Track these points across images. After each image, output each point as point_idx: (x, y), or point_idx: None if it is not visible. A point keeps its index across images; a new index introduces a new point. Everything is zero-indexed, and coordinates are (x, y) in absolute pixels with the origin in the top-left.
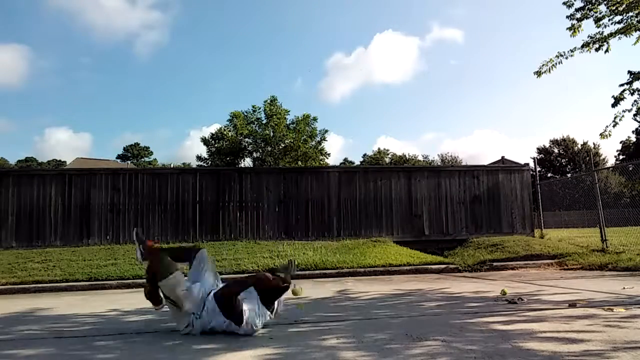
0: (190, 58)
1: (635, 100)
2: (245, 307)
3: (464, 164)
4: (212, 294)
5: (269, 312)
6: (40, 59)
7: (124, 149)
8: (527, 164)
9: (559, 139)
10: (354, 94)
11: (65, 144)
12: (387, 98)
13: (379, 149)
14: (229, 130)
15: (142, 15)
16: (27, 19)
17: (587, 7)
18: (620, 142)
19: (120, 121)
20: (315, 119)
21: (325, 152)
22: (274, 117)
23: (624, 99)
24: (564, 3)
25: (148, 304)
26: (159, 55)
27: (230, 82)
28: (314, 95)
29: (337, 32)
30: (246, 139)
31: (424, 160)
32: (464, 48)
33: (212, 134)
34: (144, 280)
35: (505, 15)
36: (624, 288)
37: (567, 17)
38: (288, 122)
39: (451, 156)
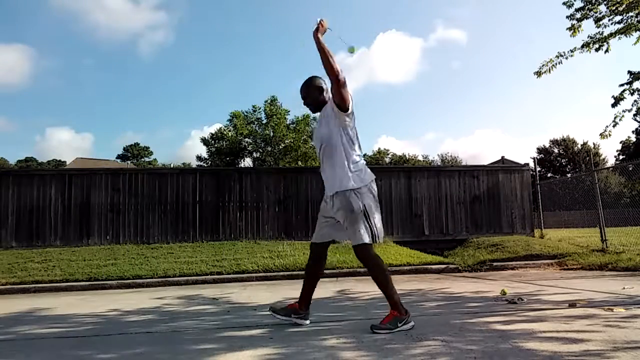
0: (192, 58)
1: (635, 100)
2: None
3: (464, 164)
4: None
5: None
6: (43, 59)
7: (124, 149)
8: (527, 164)
9: (559, 139)
10: (356, 94)
11: (67, 144)
12: (388, 98)
13: (379, 149)
14: (229, 130)
15: (145, 15)
16: (30, 20)
17: (587, 7)
18: (620, 142)
19: (122, 121)
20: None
21: None
22: (274, 117)
23: (624, 99)
24: (564, 3)
25: (148, 304)
26: (162, 55)
27: (232, 82)
28: None
29: (340, 32)
30: (246, 139)
31: (424, 160)
32: (465, 48)
33: (212, 134)
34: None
35: (506, 15)
36: (624, 288)
37: (567, 17)
38: (288, 122)
39: (451, 156)
